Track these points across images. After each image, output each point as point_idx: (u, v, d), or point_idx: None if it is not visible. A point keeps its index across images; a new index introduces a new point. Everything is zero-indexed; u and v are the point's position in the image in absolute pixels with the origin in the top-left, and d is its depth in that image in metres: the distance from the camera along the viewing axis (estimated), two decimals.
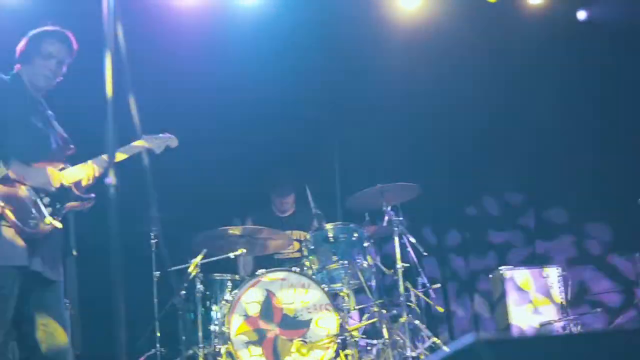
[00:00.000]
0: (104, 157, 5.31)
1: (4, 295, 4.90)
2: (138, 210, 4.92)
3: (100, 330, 8.50)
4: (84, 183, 5.28)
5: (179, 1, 9.19)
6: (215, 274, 7.97)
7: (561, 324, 8.56)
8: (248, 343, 7.34)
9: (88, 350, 7.87)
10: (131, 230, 3.13)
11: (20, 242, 4.95)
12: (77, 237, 8.03)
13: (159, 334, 8.16)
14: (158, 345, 8.13)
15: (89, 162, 5.34)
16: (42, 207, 5.01)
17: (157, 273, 8.23)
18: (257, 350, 7.33)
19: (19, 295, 5.01)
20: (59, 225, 5.03)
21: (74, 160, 5.40)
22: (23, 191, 5.00)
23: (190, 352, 7.82)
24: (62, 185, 5.14)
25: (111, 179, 3.02)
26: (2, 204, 4.92)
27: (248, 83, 9.41)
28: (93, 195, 5.32)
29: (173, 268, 8.01)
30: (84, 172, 5.26)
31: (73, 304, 7.60)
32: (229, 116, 9.49)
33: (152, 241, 8.23)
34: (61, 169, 5.21)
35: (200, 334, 7.66)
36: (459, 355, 2.52)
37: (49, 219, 5.00)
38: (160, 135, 5.81)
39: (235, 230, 7.96)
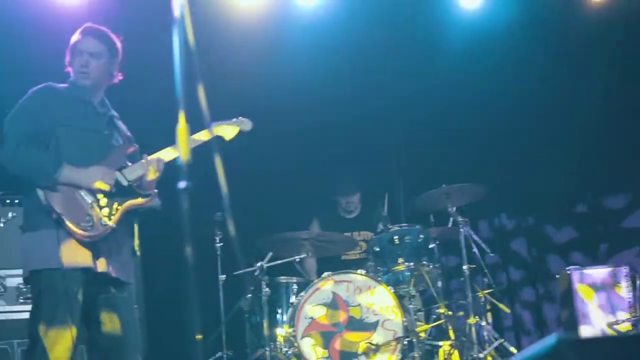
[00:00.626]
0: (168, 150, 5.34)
1: (71, 300, 4.92)
2: (204, 213, 4.92)
3: (166, 333, 8.62)
4: (149, 178, 5.27)
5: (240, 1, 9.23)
6: (281, 277, 7.98)
7: (630, 323, 8.45)
8: (314, 345, 7.35)
9: (154, 355, 7.90)
10: (196, 234, 3.14)
11: (81, 245, 4.98)
12: (142, 237, 8.11)
13: (225, 338, 8.19)
14: (224, 348, 8.16)
15: (153, 155, 5.33)
16: (98, 209, 5.04)
17: (223, 277, 8.26)
18: (324, 352, 7.33)
19: (86, 299, 5.05)
20: (113, 225, 5.04)
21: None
22: (79, 195, 5.04)
23: (257, 355, 7.84)
24: (119, 184, 5.15)
25: (184, 183, 3.02)
26: (59, 210, 4.95)
27: (309, 85, 9.41)
28: (155, 191, 5.31)
29: (239, 271, 8.05)
30: (144, 169, 5.26)
31: (140, 307, 7.64)
32: (292, 119, 9.48)
33: (217, 245, 8.26)
34: (120, 168, 5.22)
35: (266, 336, 7.68)
36: (543, 355, 2.49)
37: (104, 221, 5.02)
38: (233, 120, 5.76)
39: (300, 234, 7.97)
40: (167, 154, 5.30)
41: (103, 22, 5.62)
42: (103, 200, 5.06)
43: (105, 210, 5.04)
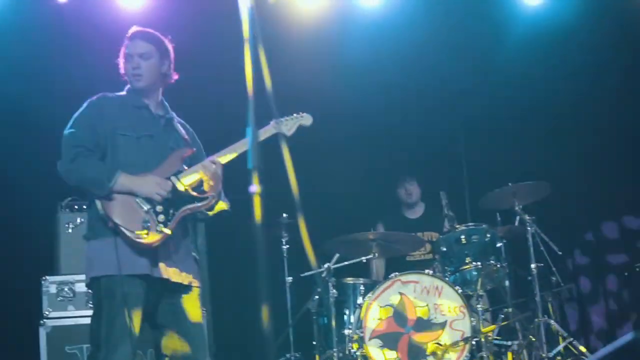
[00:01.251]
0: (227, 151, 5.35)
1: (130, 305, 4.95)
2: (270, 215, 4.90)
3: (233, 335, 8.66)
4: (206, 181, 5.26)
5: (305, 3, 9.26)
6: (348, 278, 7.99)
7: None
8: (383, 346, 7.33)
9: (222, 357, 7.94)
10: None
11: (139, 252, 5.00)
12: (208, 240, 8.14)
13: (292, 340, 8.21)
14: (292, 350, 8.18)
15: (211, 158, 5.33)
16: (155, 216, 5.05)
17: (290, 279, 8.28)
18: (392, 353, 7.32)
19: (147, 304, 5.08)
20: (169, 232, 5.05)
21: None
22: (135, 203, 5.06)
23: (325, 356, 7.85)
24: (175, 189, 5.17)
25: (254, 187, 3.02)
26: (116, 219, 4.99)
27: (372, 85, 9.42)
28: (212, 194, 5.30)
29: (306, 273, 8.07)
30: (201, 172, 5.26)
31: (207, 309, 7.68)
32: (355, 120, 9.49)
33: (284, 247, 8.29)
34: (177, 173, 5.23)
35: (334, 338, 7.68)
36: (620, 353, 2.46)
37: (160, 227, 5.04)
38: (293, 115, 5.74)
39: (367, 234, 7.96)
40: (224, 156, 5.31)
41: (168, 26, 5.65)
42: (159, 207, 5.07)
43: (162, 217, 5.05)
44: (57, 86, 8.87)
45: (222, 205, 5.42)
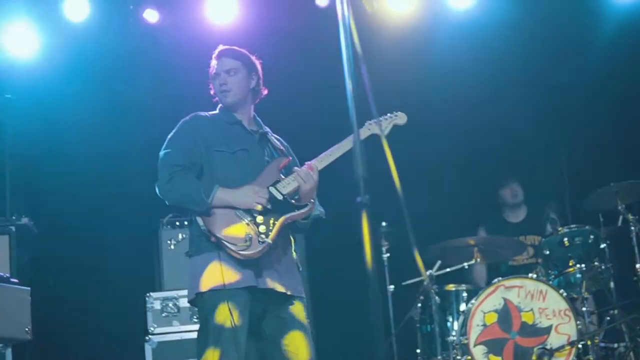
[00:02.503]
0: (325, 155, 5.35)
1: (236, 317, 4.97)
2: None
3: (335, 346, 8.65)
4: (304, 189, 5.27)
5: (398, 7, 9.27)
6: (450, 285, 7.94)
7: None
8: (488, 353, 7.27)
9: None
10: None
11: (242, 265, 5.01)
12: (307, 251, 8.17)
13: (396, 348, 8.18)
14: (395, 359, 8.15)
15: (307, 164, 5.33)
16: (256, 227, 5.06)
17: (392, 287, 8.26)
18: (497, 359, 7.25)
19: (253, 316, 5.09)
20: (271, 241, 5.05)
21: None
22: (236, 215, 5.09)
23: None
24: (275, 199, 5.18)
25: (362, 198, 3.01)
26: (217, 234, 5.01)
27: (465, 87, 9.36)
28: (312, 201, 5.30)
29: (408, 281, 8.04)
30: (299, 180, 5.26)
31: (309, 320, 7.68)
32: (453, 123, 9.43)
33: (384, 255, 8.27)
34: (275, 182, 5.25)
35: (438, 346, 7.64)
36: None
37: (262, 238, 5.05)
38: (387, 115, 5.71)
39: (468, 240, 7.91)
40: (320, 162, 5.30)
41: (257, 38, 5.68)
42: (259, 217, 5.08)
43: (263, 227, 5.06)
44: (152, 106, 9.01)
45: (317, 213, 5.42)
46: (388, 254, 8.29)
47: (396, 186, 3.35)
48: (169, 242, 7.75)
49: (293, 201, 5.20)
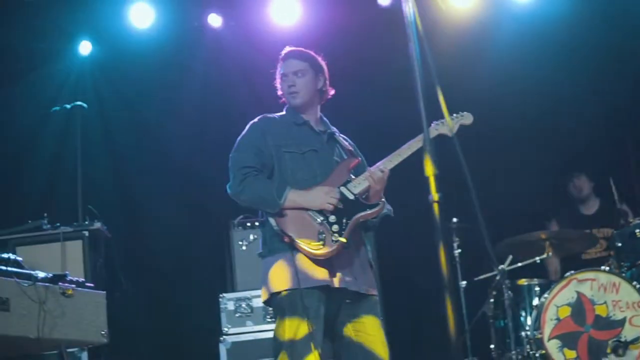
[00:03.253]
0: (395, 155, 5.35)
1: (310, 317, 4.99)
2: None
3: (406, 344, 8.66)
4: (374, 188, 5.28)
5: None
6: (523, 279, 7.91)
7: None
8: (562, 347, 7.24)
9: None
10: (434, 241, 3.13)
11: (316, 263, 5.02)
12: (377, 249, 8.18)
13: (470, 344, 8.16)
14: (470, 355, 8.13)
15: (377, 165, 5.34)
16: (329, 226, 5.08)
17: (464, 283, 8.23)
18: (572, 353, 7.21)
19: (328, 315, 5.11)
20: (344, 240, 5.07)
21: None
22: (308, 216, 5.11)
23: (504, 359, 7.78)
24: (346, 199, 5.20)
25: (434, 196, 3.02)
26: (290, 234, 5.04)
27: (527, 80, 9.30)
28: (383, 200, 5.31)
29: (480, 277, 8.02)
30: (369, 180, 5.27)
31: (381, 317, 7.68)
32: (521, 116, 9.38)
33: (456, 251, 8.24)
34: (345, 183, 5.27)
35: (512, 340, 7.62)
36: None
37: (335, 237, 5.06)
38: (453, 115, 5.69)
39: (539, 234, 7.87)
40: (390, 162, 5.31)
41: (322, 37, 5.69)
42: (332, 217, 5.09)
43: (336, 227, 5.06)
44: (220, 107, 9.08)
45: (386, 212, 5.42)
46: (459, 250, 8.26)
47: (467, 182, 3.35)
48: (240, 242, 7.81)
49: (364, 201, 5.23)
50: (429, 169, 3.11)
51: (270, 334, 7.01)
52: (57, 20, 9.19)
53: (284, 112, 5.50)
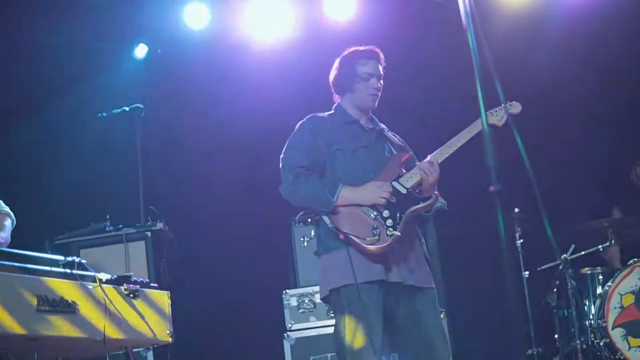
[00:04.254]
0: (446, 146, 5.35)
1: (369, 312, 5.01)
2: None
3: (472, 334, 8.63)
4: (426, 182, 5.27)
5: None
6: (585, 268, 7.86)
7: None
8: (626, 335, 7.23)
9: (461, 357, 7.91)
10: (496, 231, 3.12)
11: (371, 259, 5.06)
12: (438, 241, 8.15)
13: (533, 334, 8.12)
14: (534, 345, 8.08)
15: (428, 158, 5.33)
16: (383, 221, 5.09)
17: (526, 273, 8.19)
18: (636, 341, 7.22)
19: (386, 309, 5.13)
20: (399, 234, 5.07)
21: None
22: (362, 212, 5.13)
23: (568, 349, 7.74)
24: (399, 193, 5.20)
25: (495, 186, 3.02)
26: (345, 230, 5.06)
27: (579, 73, 9.22)
28: (436, 193, 5.31)
29: (542, 267, 7.98)
30: (421, 173, 5.27)
31: (444, 309, 7.66)
32: (579, 103, 9.31)
33: (518, 242, 8.20)
34: (397, 177, 5.27)
35: (575, 330, 7.57)
36: None
37: (390, 231, 5.07)
38: (501, 105, 5.65)
39: (602, 222, 7.81)
40: (441, 154, 5.31)
41: (375, 32, 5.68)
42: (385, 212, 5.11)
43: (390, 221, 5.08)
44: (275, 104, 9.12)
45: (439, 205, 5.42)
46: (521, 240, 8.21)
47: (529, 171, 3.35)
48: (301, 239, 7.84)
49: (417, 195, 5.23)
50: (489, 159, 3.10)
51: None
52: (114, 23, 9.27)
53: (332, 111, 5.53)
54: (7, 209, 6.00)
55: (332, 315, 7.39)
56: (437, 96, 9.03)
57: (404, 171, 5.29)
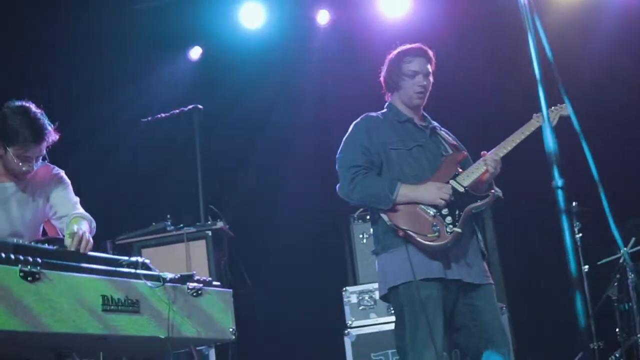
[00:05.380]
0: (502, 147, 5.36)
1: (429, 309, 5.02)
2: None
3: (528, 327, 8.59)
4: (484, 179, 5.29)
5: None
6: None
7: None
8: None
9: (521, 352, 7.88)
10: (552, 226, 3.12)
11: (431, 256, 5.09)
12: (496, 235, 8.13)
13: (594, 329, 8.07)
14: (595, 340, 8.03)
15: (487, 155, 5.33)
16: (442, 218, 5.10)
17: (586, 267, 8.14)
18: None
19: (446, 307, 5.14)
20: (459, 231, 5.08)
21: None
22: (420, 209, 5.14)
23: (629, 343, 7.69)
24: (456, 192, 5.21)
25: (558, 181, 3.02)
26: (405, 227, 5.07)
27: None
28: (492, 191, 5.31)
29: (602, 260, 7.93)
30: (479, 171, 5.28)
31: (504, 304, 7.64)
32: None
33: (577, 235, 8.15)
34: (454, 176, 5.28)
35: (637, 323, 7.52)
36: None
37: (450, 228, 5.07)
38: (552, 108, 5.65)
39: None
40: (500, 150, 5.31)
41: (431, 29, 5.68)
42: (444, 210, 5.13)
43: (449, 218, 5.10)
44: (335, 103, 9.14)
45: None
46: (580, 234, 8.17)
47: (590, 164, 3.34)
48: (361, 236, 7.87)
49: (475, 193, 5.25)
50: (551, 153, 3.10)
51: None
52: (170, 25, 9.36)
53: (385, 110, 5.55)
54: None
55: (393, 312, 7.45)
56: (497, 94, 8.99)
57: (460, 170, 5.30)
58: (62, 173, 5.42)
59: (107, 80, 9.29)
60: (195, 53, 9.96)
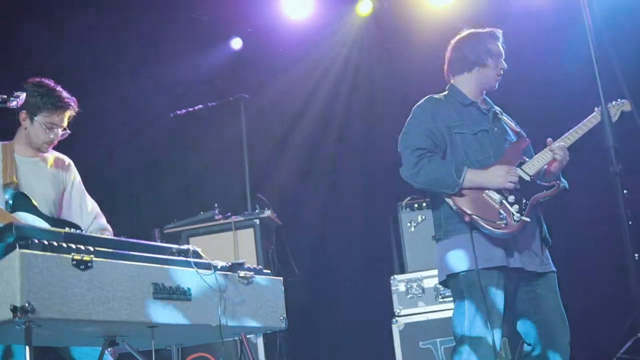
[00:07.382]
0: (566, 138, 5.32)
1: (490, 298, 4.98)
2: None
3: (582, 316, 8.52)
4: (551, 169, 5.24)
5: None
6: None
7: None
8: None
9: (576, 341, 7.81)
10: (608, 212, 3.06)
11: (494, 244, 5.03)
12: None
13: None
14: None
15: (554, 144, 5.29)
16: (509, 206, 5.04)
17: (636, 255, 8.04)
18: None
19: (507, 295, 5.08)
20: (527, 219, 5.03)
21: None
22: (486, 196, 5.09)
23: None
24: (522, 179, 5.15)
25: (616, 167, 2.99)
26: (470, 212, 5.03)
27: None
28: (558, 182, 5.26)
29: None
30: (545, 160, 5.24)
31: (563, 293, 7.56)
32: None
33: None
34: (519, 164, 5.23)
35: None
36: None
37: (517, 217, 5.02)
38: (613, 103, 5.60)
39: None
40: (567, 139, 5.27)
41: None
42: (511, 197, 5.06)
43: (515, 207, 5.04)
44: (379, 91, 9.11)
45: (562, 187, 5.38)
46: (630, 222, 8.07)
47: None
48: (409, 224, 7.83)
49: (540, 182, 5.21)
50: (610, 140, 3.07)
51: (443, 314, 7.07)
52: (212, 15, 9.37)
53: (446, 92, 5.50)
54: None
55: (442, 300, 7.41)
56: (559, 82, 8.89)
57: (526, 159, 5.26)
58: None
59: (156, 76, 9.29)
60: (236, 44, 9.95)
